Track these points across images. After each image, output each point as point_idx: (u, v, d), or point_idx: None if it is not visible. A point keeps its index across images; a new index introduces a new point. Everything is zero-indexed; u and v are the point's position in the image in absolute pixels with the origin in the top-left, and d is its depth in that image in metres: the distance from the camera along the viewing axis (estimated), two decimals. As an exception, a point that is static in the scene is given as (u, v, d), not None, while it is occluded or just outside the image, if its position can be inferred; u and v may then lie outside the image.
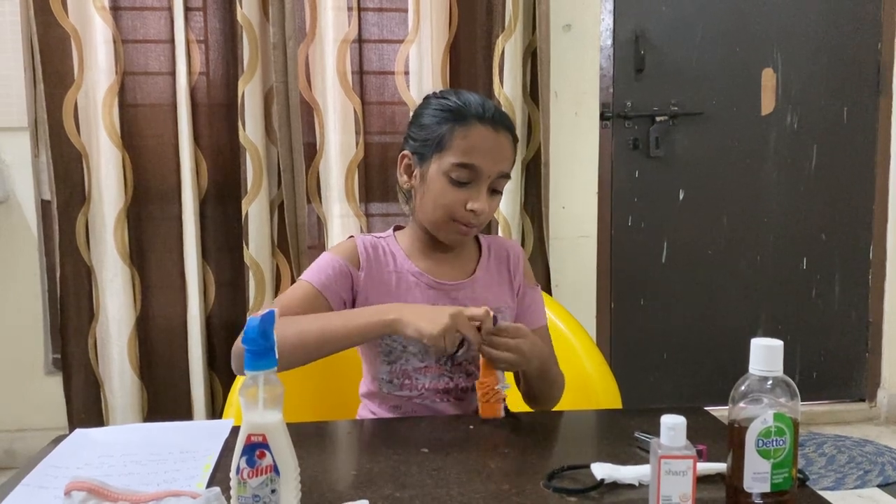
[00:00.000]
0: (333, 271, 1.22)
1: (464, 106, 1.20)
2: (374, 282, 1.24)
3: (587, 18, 2.57)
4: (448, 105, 1.21)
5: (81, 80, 2.24)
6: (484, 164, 1.18)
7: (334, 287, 1.21)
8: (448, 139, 1.19)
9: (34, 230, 2.41)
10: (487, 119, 1.19)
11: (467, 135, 1.18)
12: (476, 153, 1.18)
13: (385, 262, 1.26)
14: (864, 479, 2.37)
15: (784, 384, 0.80)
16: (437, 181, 1.20)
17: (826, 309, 2.93)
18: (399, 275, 1.25)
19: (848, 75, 2.83)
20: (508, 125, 1.23)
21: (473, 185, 1.19)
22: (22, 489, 0.88)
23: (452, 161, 1.18)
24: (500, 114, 1.22)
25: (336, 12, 2.29)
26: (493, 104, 1.23)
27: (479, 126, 1.19)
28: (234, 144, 2.32)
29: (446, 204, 1.20)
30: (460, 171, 1.18)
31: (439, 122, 1.20)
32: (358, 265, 1.24)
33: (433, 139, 1.20)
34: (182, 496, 0.79)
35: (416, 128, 1.24)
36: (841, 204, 2.89)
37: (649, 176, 2.78)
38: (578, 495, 0.87)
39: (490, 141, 1.19)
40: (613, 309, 2.82)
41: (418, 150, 1.23)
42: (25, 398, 2.46)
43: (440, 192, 1.20)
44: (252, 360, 0.73)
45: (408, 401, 1.24)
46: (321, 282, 1.21)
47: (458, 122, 1.19)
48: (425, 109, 1.24)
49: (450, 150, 1.19)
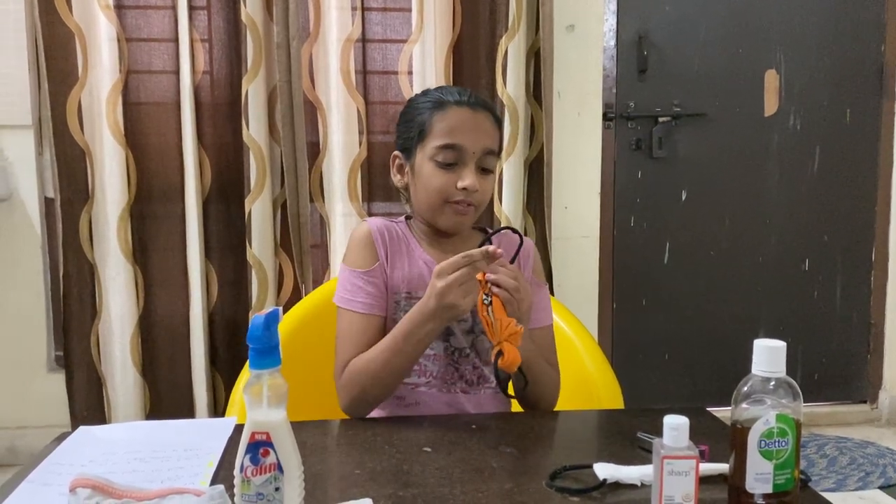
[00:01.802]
0: (365, 284, 1.23)
1: (440, 95, 1.24)
2: (393, 260, 1.26)
3: (590, 19, 2.57)
4: (427, 98, 1.25)
5: (85, 78, 2.25)
6: (466, 142, 1.20)
7: (376, 302, 1.23)
8: (428, 125, 1.22)
9: (37, 228, 2.42)
10: (464, 101, 1.23)
11: (445, 117, 1.21)
12: (456, 132, 1.20)
13: (398, 246, 1.28)
14: (865, 481, 2.37)
15: (786, 385, 0.80)
16: (425, 168, 1.22)
17: (828, 310, 2.93)
18: (412, 259, 1.27)
19: (851, 77, 2.83)
20: (487, 106, 1.26)
21: (460, 164, 1.21)
22: (26, 486, 0.89)
23: (435, 144, 1.21)
24: (477, 97, 1.25)
25: (340, 12, 2.30)
26: (471, 91, 1.26)
27: (456, 108, 1.22)
28: (237, 143, 2.32)
29: (437, 187, 1.21)
30: (445, 153, 1.20)
31: (419, 113, 1.24)
32: (376, 256, 1.25)
33: (415, 130, 1.23)
34: (186, 494, 0.79)
35: (402, 126, 1.28)
36: (843, 205, 2.89)
37: (652, 176, 2.78)
38: (581, 495, 0.87)
39: (469, 120, 1.22)
40: (615, 309, 2.82)
41: (405, 146, 1.26)
42: (28, 395, 2.46)
43: (429, 177, 1.22)
44: (256, 358, 0.73)
45: (414, 389, 1.25)
46: (363, 304, 1.23)
47: (436, 109, 1.22)
48: (407, 108, 1.29)
49: (431, 134, 1.22)
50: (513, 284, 1.10)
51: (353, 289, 1.24)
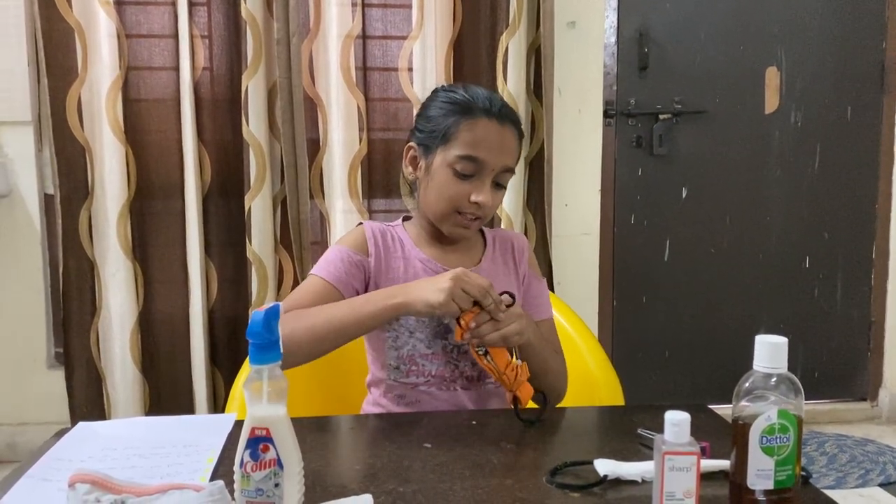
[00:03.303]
0: (343, 262, 1.23)
1: (471, 99, 1.20)
2: (382, 267, 1.25)
3: (591, 16, 2.56)
4: (455, 98, 1.22)
5: (85, 74, 2.24)
6: (488, 158, 1.19)
7: (345, 278, 1.22)
8: (454, 132, 1.19)
9: (37, 224, 2.42)
10: (494, 113, 1.20)
11: (473, 128, 1.19)
12: (481, 146, 1.19)
13: (393, 249, 1.27)
14: (865, 479, 2.37)
15: (788, 381, 0.79)
16: (441, 173, 1.21)
17: (828, 308, 2.93)
18: (407, 261, 1.26)
19: (852, 74, 2.82)
20: (514, 120, 1.23)
21: (477, 177, 1.20)
22: (25, 481, 0.88)
23: (457, 153, 1.19)
24: (506, 108, 1.22)
25: (340, 8, 2.29)
26: (501, 98, 1.24)
27: (485, 120, 1.19)
28: (237, 140, 2.32)
29: (451, 196, 1.20)
30: (465, 164, 1.19)
31: (446, 114, 1.21)
32: (367, 252, 1.25)
33: (439, 131, 1.21)
34: (186, 489, 0.79)
35: (423, 120, 1.25)
36: (844, 203, 2.89)
37: (652, 174, 2.77)
38: (581, 491, 0.87)
39: (495, 135, 1.20)
40: (616, 306, 2.82)
41: (424, 142, 1.24)
42: (27, 392, 2.46)
43: (444, 184, 1.21)
44: (257, 353, 0.73)
45: (413, 388, 1.24)
46: (332, 274, 1.22)
47: (464, 116, 1.20)
48: (432, 102, 1.25)
49: (455, 142, 1.19)
50: (496, 338, 1.09)
51: (330, 260, 1.24)
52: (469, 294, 1.08)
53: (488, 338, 1.09)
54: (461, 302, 1.08)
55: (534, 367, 1.17)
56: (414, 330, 1.23)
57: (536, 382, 1.18)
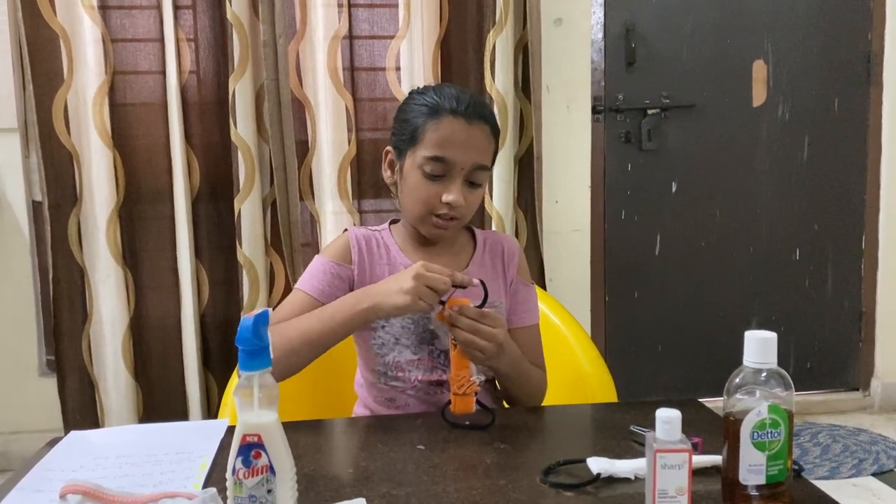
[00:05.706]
0: (325, 274, 1.23)
1: (438, 100, 1.20)
2: (367, 274, 1.25)
3: (578, 12, 2.57)
4: (424, 100, 1.22)
5: (71, 80, 2.23)
6: (455, 157, 1.18)
7: (329, 290, 1.22)
8: (421, 133, 1.20)
9: (26, 232, 2.40)
10: (460, 112, 1.19)
11: (438, 128, 1.19)
12: (447, 146, 1.18)
13: (378, 255, 1.27)
14: (858, 468, 2.38)
15: (778, 376, 0.80)
16: (412, 175, 1.21)
17: (819, 299, 2.94)
18: (392, 267, 1.26)
19: (839, 66, 2.84)
20: (484, 115, 1.22)
21: (447, 177, 1.19)
22: (17, 493, 0.88)
23: (424, 154, 1.19)
24: (475, 106, 1.21)
25: (326, 9, 2.28)
26: (471, 96, 1.22)
27: (451, 118, 1.19)
28: (225, 143, 2.31)
29: (422, 198, 1.20)
30: (433, 165, 1.19)
31: (415, 116, 1.21)
32: (350, 260, 1.25)
33: (408, 133, 1.22)
34: (178, 497, 0.79)
35: (397, 123, 1.26)
36: (833, 194, 2.90)
37: (642, 169, 2.78)
38: (575, 490, 0.87)
39: (462, 133, 1.19)
40: (608, 302, 2.83)
41: (397, 145, 1.25)
42: (19, 400, 2.45)
43: (416, 186, 1.21)
44: (246, 360, 0.72)
45: (402, 392, 1.24)
46: (315, 287, 1.22)
47: (430, 116, 1.20)
48: (406, 105, 1.26)
49: (422, 143, 1.20)
50: (467, 339, 1.09)
51: (313, 273, 1.24)
52: (435, 289, 1.08)
53: (459, 335, 1.09)
54: (428, 299, 1.08)
55: (509, 392, 1.25)
56: (399, 336, 1.23)
57: (508, 396, 1.26)
